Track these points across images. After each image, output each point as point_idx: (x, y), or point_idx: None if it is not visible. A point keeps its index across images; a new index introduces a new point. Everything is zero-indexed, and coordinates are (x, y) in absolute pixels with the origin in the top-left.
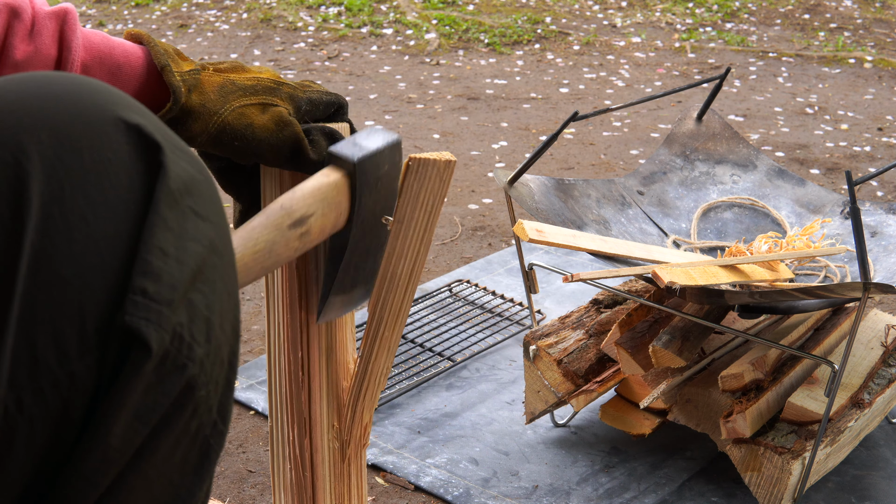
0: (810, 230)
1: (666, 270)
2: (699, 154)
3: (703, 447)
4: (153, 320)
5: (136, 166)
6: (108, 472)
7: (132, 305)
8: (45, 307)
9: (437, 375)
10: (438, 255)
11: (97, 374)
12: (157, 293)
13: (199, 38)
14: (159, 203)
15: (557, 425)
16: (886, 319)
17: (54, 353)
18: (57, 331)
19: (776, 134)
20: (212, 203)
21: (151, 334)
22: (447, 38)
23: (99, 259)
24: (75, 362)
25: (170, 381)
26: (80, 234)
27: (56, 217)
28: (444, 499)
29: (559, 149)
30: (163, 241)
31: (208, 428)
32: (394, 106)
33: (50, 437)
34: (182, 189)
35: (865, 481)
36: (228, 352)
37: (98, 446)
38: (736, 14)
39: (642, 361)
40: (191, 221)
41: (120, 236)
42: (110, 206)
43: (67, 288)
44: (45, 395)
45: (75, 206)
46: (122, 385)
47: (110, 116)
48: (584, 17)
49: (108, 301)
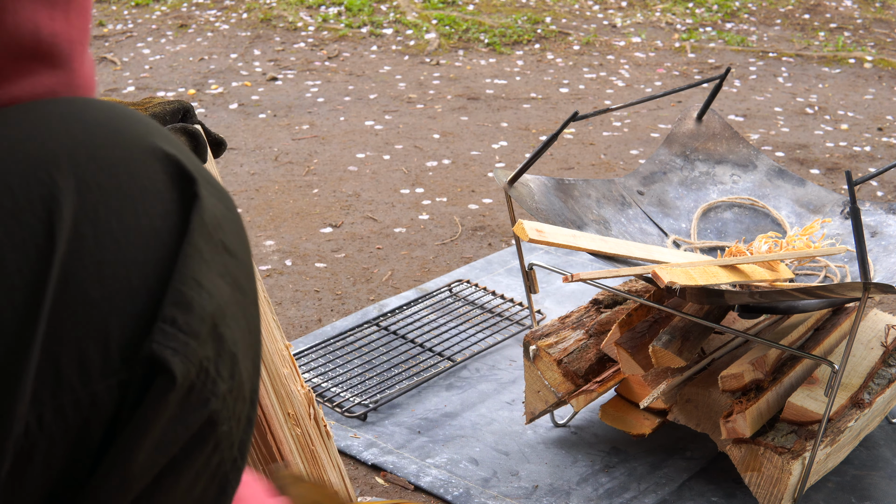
0: (810, 230)
1: (666, 270)
2: (699, 154)
3: (703, 447)
4: (180, 350)
5: (172, 195)
6: (125, 498)
7: (160, 334)
8: (71, 327)
9: (437, 375)
10: (438, 255)
11: (119, 397)
12: (186, 324)
13: (199, 38)
14: (194, 234)
15: (557, 425)
16: (886, 319)
17: (77, 373)
18: (81, 351)
19: (776, 134)
20: (240, 240)
21: (177, 364)
22: (447, 38)
23: (128, 284)
24: (97, 383)
25: (192, 414)
26: (111, 257)
27: (88, 238)
28: (444, 499)
29: (559, 149)
30: (197, 273)
31: (228, 464)
32: (394, 106)
33: (67, 457)
34: (215, 224)
35: (865, 481)
36: (250, 389)
37: (118, 471)
38: (736, 14)
39: (642, 361)
40: (221, 256)
41: (150, 263)
42: (143, 233)
43: (94, 309)
44: (66, 413)
45: (109, 228)
46: (145, 412)
47: (148, 145)
48: (584, 17)
49: (134, 326)
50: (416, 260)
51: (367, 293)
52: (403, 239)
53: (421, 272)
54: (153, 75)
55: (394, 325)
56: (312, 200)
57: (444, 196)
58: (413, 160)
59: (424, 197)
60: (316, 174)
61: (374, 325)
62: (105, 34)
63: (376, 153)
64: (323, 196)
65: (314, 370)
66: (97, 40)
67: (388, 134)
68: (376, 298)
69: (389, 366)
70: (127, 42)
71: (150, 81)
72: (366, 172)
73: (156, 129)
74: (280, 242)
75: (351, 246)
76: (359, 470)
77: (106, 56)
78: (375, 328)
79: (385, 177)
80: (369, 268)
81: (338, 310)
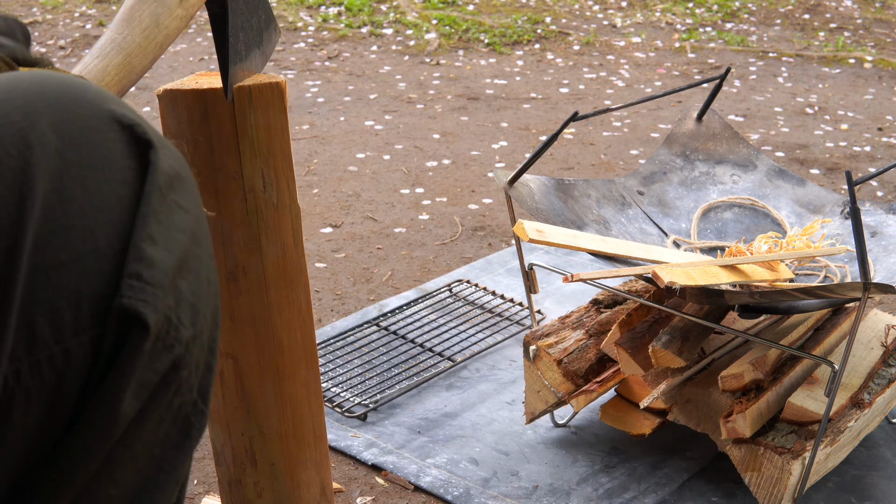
0: (810, 230)
1: (666, 270)
2: (699, 154)
3: (703, 447)
4: (150, 301)
5: (129, 162)
6: (109, 442)
7: (128, 289)
8: (43, 288)
9: (437, 375)
10: (438, 255)
11: (92, 352)
12: (151, 277)
13: (200, 38)
14: (150, 196)
15: (557, 425)
16: (886, 319)
17: (51, 330)
18: (54, 310)
19: (776, 134)
20: (193, 196)
21: (149, 314)
22: (447, 38)
23: (94, 245)
24: (70, 340)
25: (159, 360)
26: (78, 223)
27: (56, 206)
28: (444, 499)
29: (559, 149)
30: (153, 232)
31: (189, 406)
32: (394, 106)
33: (45, 410)
34: (168, 184)
35: (865, 481)
36: (209, 337)
37: (103, 417)
38: (736, 14)
39: (642, 361)
40: (176, 214)
41: (114, 226)
42: (106, 199)
43: (65, 272)
44: (42, 368)
45: (74, 197)
46: (125, 361)
47: (106, 115)
48: (584, 17)
49: (102, 284)
50: (416, 260)
51: (367, 293)
52: (403, 239)
53: (421, 272)
54: (153, 75)
55: (394, 325)
56: (312, 200)
57: (444, 196)
58: (413, 160)
59: (424, 197)
60: (316, 174)
61: (374, 325)
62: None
63: (376, 153)
64: (323, 196)
65: None
66: (97, 40)
67: (388, 134)
68: (376, 298)
69: (389, 366)
70: None
71: (150, 82)
72: (366, 172)
73: (110, 97)
74: None
75: (351, 246)
76: (359, 470)
77: None
78: (375, 328)
79: (385, 177)
80: (369, 268)
81: (338, 310)
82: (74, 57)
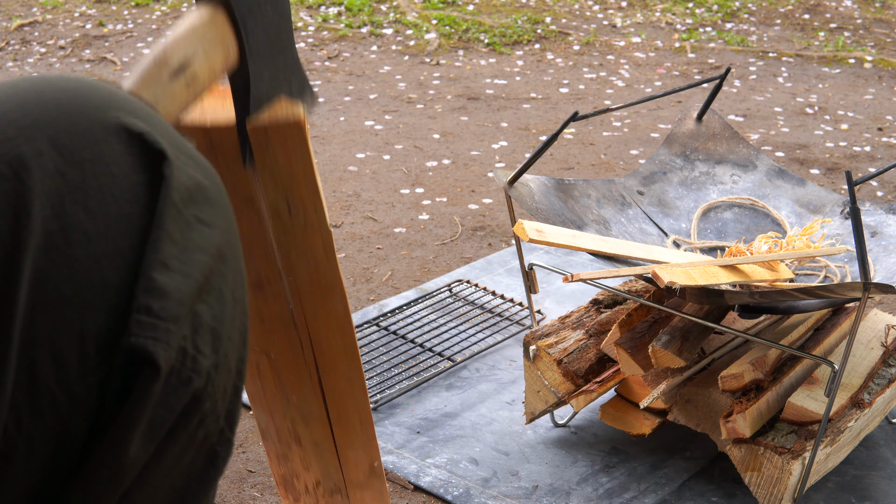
0: (810, 230)
1: (666, 270)
2: (699, 154)
3: (703, 447)
4: (161, 339)
5: (139, 177)
6: (118, 489)
7: (137, 325)
8: (44, 327)
9: (437, 375)
10: (438, 255)
11: (99, 393)
12: (161, 310)
13: None
14: (163, 216)
15: (557, 425)
16: (886, 319)
17: (54, 373)
18: (57, 351)
19: (776, 134)
20: (219, 208)
21: (159, 353)
22: (447, 38)
23: (100, 277)
24: (75, 383)
25: (175, 396)
26: (82, 252)
27: (57, 234)
28: (444, 499)
29: (559, 149)
30: (167, 256)
31: (215, 436)
32: (394, 106)
33: (50, 456)
34: (186, 198)
35: (865, 481)
36: (236, 359)
37: (110, 464)
38: (736, 14)
39: (642, 362)
40: (196, 231)
41: (121, 253)
42: (112, 222)
43: (67, 308)
44: (44, 415)
45: (77, 221)
46: (133, 405)
47: (112, 124)
48: (584, 17)
49: (109, 320)
50: (416, 260)
51: (367, 293)
52: (403, 239)
53: (421, 272)
54: None
55: (394, 325)
56: None
57: (444, 196)
58: (413, 160)
59: (424, 197)
60: None
61: (374, 325)
62: (105, 34)
63: (376, 153)
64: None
65: None
66: (97, 40)
67: (388, 134)
68: (376, 298)
69: (389, 366)
70: (127, 42)
71: None
72: (366, 172)
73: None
74: None
75: (351, 246)
76: None
77: (106, 56)
78: (375, 328)
79: (385, 177)
80: (369, 268)
81: None
82: (74, 57)
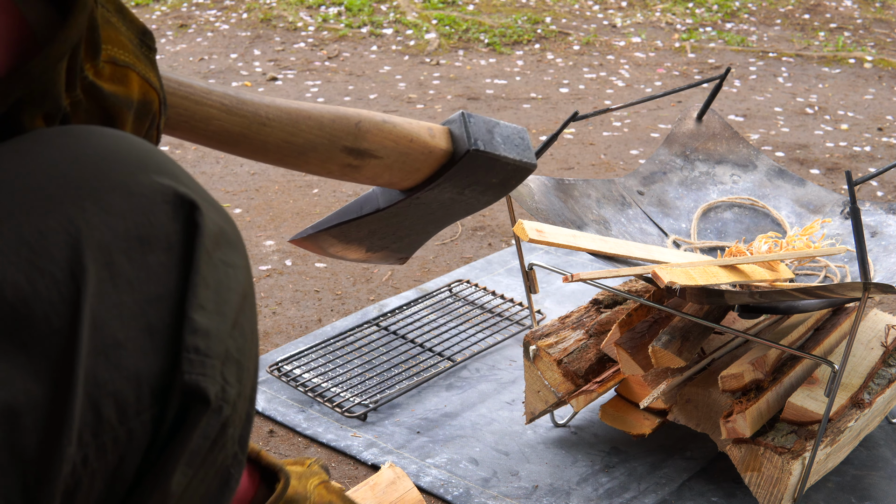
0: (810, 230)
1: (666, 270)
2: (699, 154)
3: (703, 447)
4: (209, 374)
5: (174, 226)
6: None
7: (188, 364)
8: (105, 370)
9: (437, 375)
10: (438, 255)
11: (152, 428)
12: (208, 349)
13: (199, 38)
14: (198, 262)
15: (557, 425)
16: (886, 319)
17: (115, 412)
18: (117, 391)
19: (776, 134)
20: (239, 250)
21: (210, 388)
22: (447, 38)
23: (146, 321)
24: (133, 419)
25: (210, 426)
26: (129, 298)
27: (106, 282)
28: (444, 499)
29: (559, 149)
30: (203, 299)
31: (230, 459)
32: (394, 106)
33: (105, 489)
34: (213, 244)
35: (865, 481)
36: (251, 387)
37: (159, 491)
38: (736, 14)
39: (642, 362)
40: (224, 273)
41: (162, 298)
42: (152, 269)
43: (122, 350)
44: (107, 450)
45: (122, 270)
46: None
47: (146, 180)
48: (584, 17)
49: (160, 360)
50: (416, 260)
51: (367, 293)
52: None
53: (421, 272)
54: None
55: (394, 325)
56: (312, 200)
57: None
58: None
59: None
60: None
61: (374, 325)
62: None
63: None
64: (323, 196)
65: (314, 370)
66: None
67: None
68: (376, 298)
69: (389, 366)
70: None
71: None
72: None
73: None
74: (280, 242)
75: None
76: (359, 470)
77: None
78: (375, 328)
79: None
80: (369, 268)
81: (338, 310)
82: None
